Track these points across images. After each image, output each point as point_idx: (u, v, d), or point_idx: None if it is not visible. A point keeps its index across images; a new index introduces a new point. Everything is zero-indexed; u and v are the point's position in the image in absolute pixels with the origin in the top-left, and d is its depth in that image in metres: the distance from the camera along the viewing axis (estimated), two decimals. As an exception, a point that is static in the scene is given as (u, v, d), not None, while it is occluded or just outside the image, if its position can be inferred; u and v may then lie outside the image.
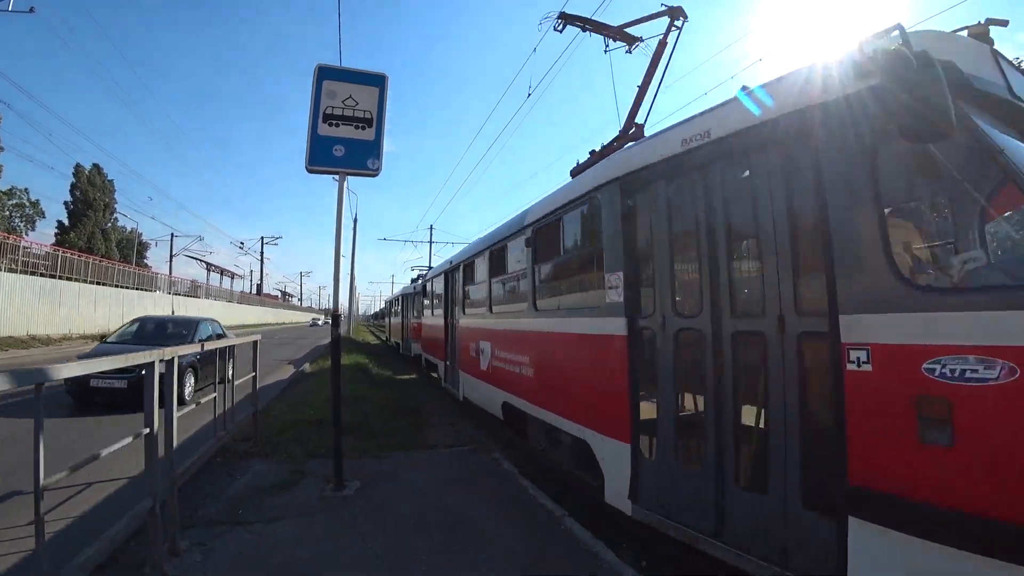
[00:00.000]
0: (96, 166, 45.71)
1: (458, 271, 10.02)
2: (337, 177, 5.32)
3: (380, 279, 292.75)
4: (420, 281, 17.35)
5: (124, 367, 3.91)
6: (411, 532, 4.08)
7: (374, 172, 5.24)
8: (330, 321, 5.56)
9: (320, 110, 5.12)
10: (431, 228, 43.74)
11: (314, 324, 73.83)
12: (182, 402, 7.72)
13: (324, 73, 5.18)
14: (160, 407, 3.46)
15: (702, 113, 3.54)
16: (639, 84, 5.75)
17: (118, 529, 3.59)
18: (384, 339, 36.24)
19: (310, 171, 5.11)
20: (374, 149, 5.24)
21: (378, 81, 5.32)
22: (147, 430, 3.33)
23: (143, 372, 3.49)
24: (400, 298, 23.79)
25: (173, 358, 3.95)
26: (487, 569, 3.55)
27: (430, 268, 19.52)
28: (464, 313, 9.60)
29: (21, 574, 3.25)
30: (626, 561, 3.69)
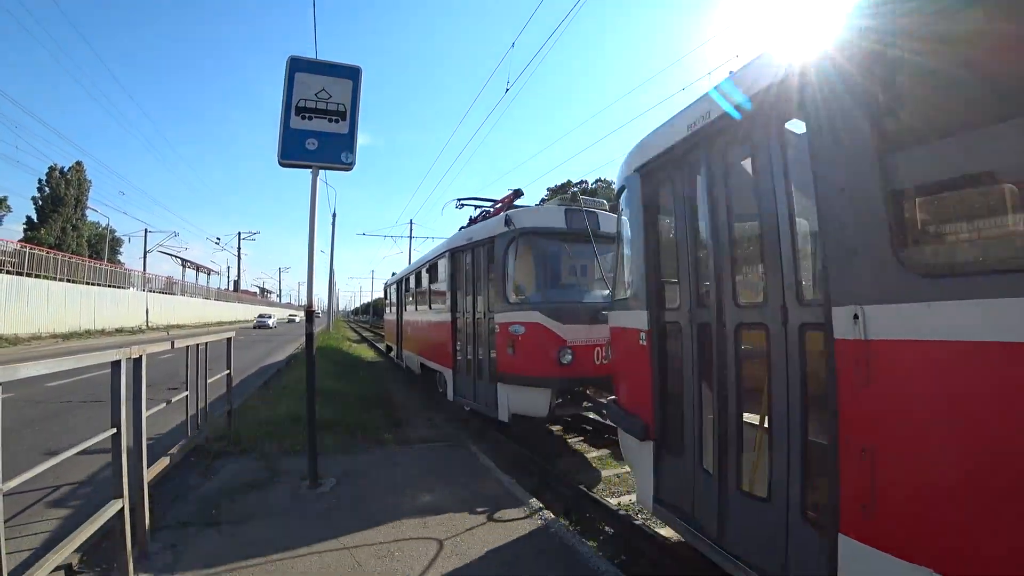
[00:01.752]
0: (78, 163, 44.64)
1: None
2: (311, 171, 5.23)
3: (360, 275, 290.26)
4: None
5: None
6: (385, 526, 4.06)
7: (348, 166, 5.18)
8: (303, 318, 5.49)
9: (292, 103, 5.03)
10: (411, 223, 43.16)
11: (261, 325, 48.11)
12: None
13: (296, 65, 5.09)
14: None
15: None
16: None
17: (84, 532, 3.49)
18: (374, 346, 27.67)
19: (283, 165, 5.02)
20: (348, 142, 5.17)
21: (352, 74, 5.24)
22: (114, 430, 3.25)
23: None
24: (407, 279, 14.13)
25: (141, 356, 3.86)
26: (460, 562, 3.55)
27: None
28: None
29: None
30: (606, 556, 3.72)
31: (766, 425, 2.82)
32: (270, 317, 51.83)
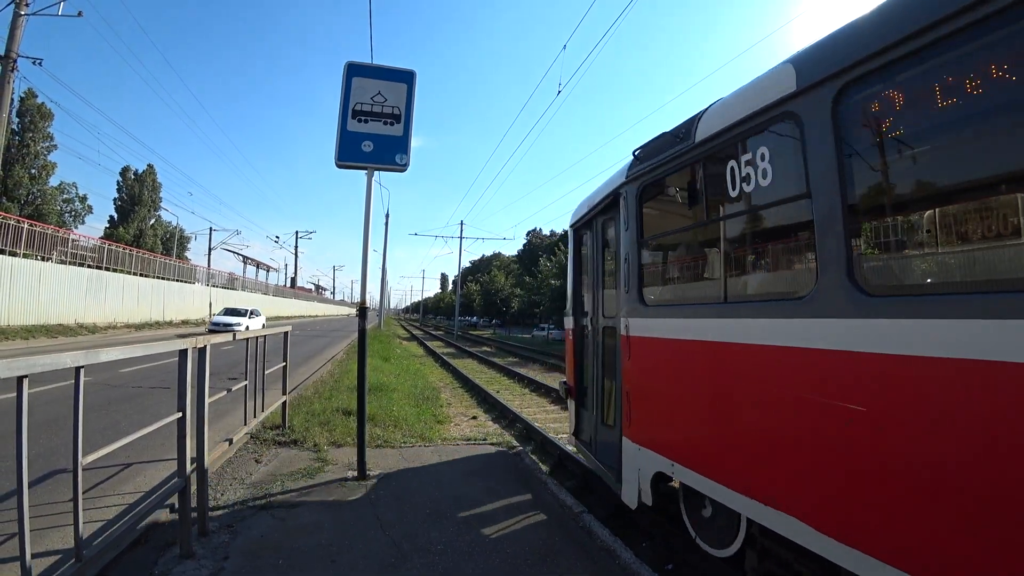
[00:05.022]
0: (150, 166, 48.15)
1: None
2: (366, 172, 5.40)
3: (411, 274, 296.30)
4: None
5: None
6: (429, 522, 4.14)
7: (402, 167, 5.32)
8: (358, 314, 5.65)
9: (349, 106, 5.22)
10: (461, 224, 43.91)
11: (222, 328, 23.24)
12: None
13: (353, 70, 5.28)
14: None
15: None
16: None
17: (149, 509, 3.73)
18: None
19: (340, 166, 5.21)
20: (402, 144, 5.31)
21: (407, 77, 5.39)
22: (179, 414, 3.46)
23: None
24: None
25: (206, 346, 4.09)
26: (500, 560, 3.58)
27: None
28: None
29: (55, 549, 3.41)
30: (643, 560, 3.66)
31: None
32: (246, 314, 28.19)
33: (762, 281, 3.30)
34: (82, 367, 2.55)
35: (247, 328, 24.06)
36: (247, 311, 29.31)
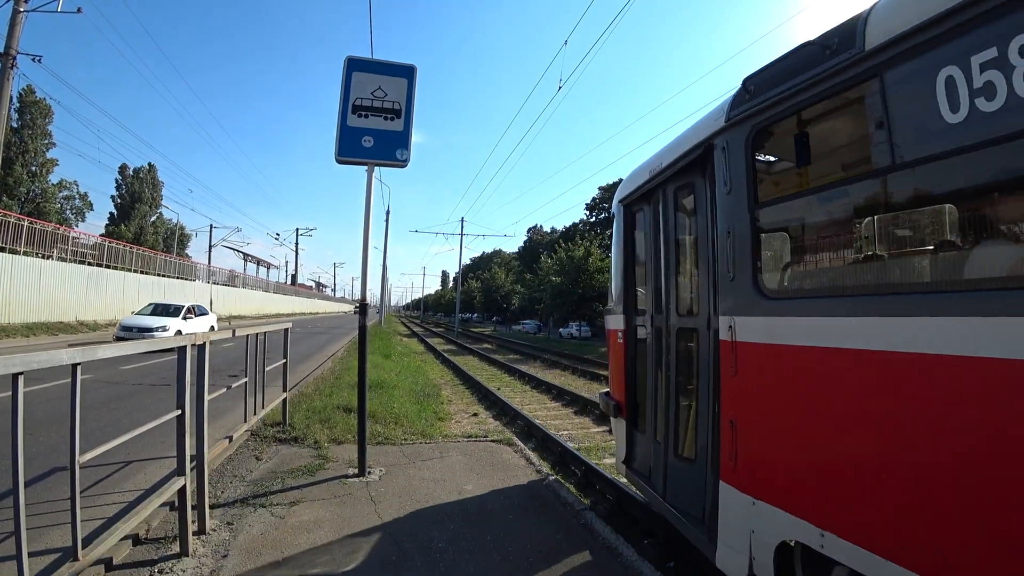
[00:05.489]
0: (151, 164, 48.22)
1: None
2: (367, 168, 5.37)
3: (411, 271, 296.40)
4: None
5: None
6: (430, 520, 4.12)
7: (403, 163, 5.28)
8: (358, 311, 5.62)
9: (350, 101, 5.18)
10: (462, 220, 43.90)
11: (130, 335, 15.95)
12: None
13: (353, 65, 5.23)
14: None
15: None
16: None
17: (149, 506, 3.71)
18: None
19: (340, 162, 5.17)
20: (403, 140, 5.27)
21: (407, 72, 5.34)
22: (178, 412, 3.43)
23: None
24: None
25: (205, 343, 4.06)
26: (501, 559, 3.55)
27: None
28: None
29: (54, 548, 3.39)
30: (646, 558, 3.63)
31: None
32: (179, 313, 18.41)
33: (1002, 259, 2.11)
34: (79, 364, 2.52)
35: (179, 333, 16.04)
36: (182, 308, 18.50)
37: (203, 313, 20.01)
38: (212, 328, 18.47)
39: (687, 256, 3.84)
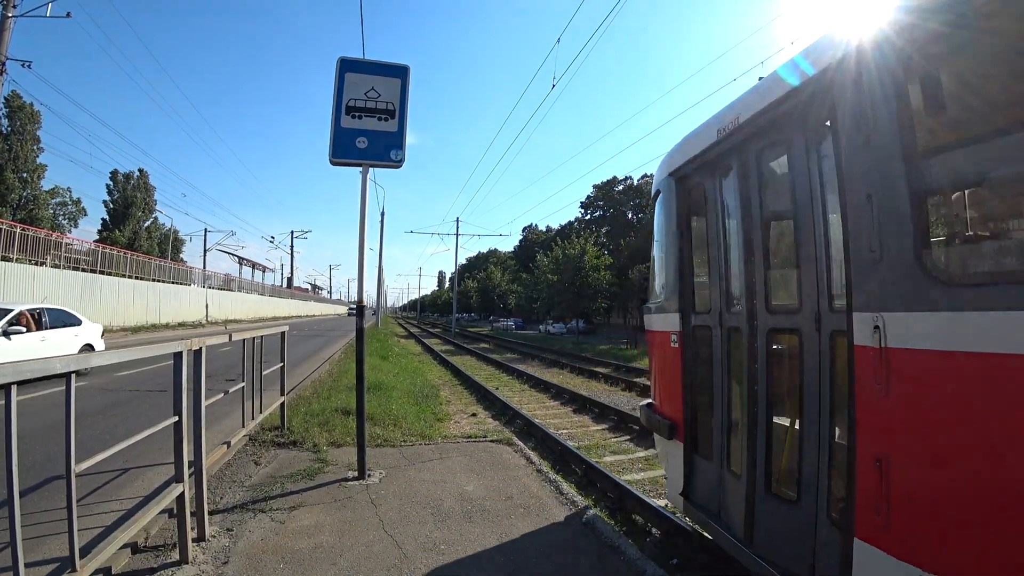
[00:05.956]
0: (142, 170, 47.90)
1: None
2: (361, 169, 5.33)
3: (407, 272, 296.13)
4: None
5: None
6: (431, 521, 4.10)
7: (397, 163, 5.24)
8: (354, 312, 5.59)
9: (343, 102, 5.14)
10: (457, 220, 43.83)
11: None
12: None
13: (346, 65, 5.19)
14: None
15: None
16: None
17: (148, 514, 3.67)
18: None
19: (334, 163, 5.14)
20: (397, 140, 5.24)
21: (400, 72, 5.31)
22: (175, 418, 3.40)
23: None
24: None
25: (202, 348, 4.03)
26: (503, 560, 3.54)
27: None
28: None
29: (52, 558, 3.36)
30: (648, 556, 3.62)
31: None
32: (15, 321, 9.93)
33: None
34: (73, 372, 2.49)
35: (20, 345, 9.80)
36: (6, 313, 9.92)
37: (74, 323, 11.71)
38: (89, 347, 11.62)
39: (783, 235, 3.05)
